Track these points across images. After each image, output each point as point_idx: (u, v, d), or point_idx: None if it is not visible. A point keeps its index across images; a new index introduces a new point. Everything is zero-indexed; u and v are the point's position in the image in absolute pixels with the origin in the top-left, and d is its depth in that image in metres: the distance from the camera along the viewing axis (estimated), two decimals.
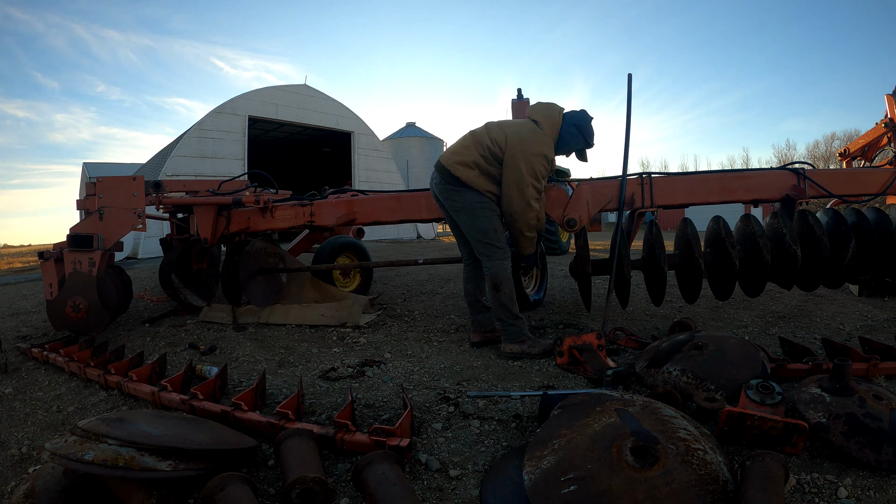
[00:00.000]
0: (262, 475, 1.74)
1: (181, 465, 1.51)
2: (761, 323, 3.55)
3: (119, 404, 2.43)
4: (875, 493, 1.51)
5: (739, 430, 1.75)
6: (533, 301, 4.20)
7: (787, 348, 2.66)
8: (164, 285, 4.40)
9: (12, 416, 2.40)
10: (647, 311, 4.04)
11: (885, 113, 4.91)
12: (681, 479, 1.36)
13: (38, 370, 3.06)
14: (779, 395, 1.86)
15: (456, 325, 3.80)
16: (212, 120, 13.60)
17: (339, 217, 3.88)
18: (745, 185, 3.45)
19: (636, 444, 1.47)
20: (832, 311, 3.85)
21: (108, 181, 3.71)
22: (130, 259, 11.27)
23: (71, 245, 3.52)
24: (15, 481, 1.78)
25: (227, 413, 2.03)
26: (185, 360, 3.04)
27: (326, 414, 2.20)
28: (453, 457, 1.82)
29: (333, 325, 3.82)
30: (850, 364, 1.88)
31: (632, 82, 3.22)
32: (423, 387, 2.52)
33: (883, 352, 2.48)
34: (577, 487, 1.38)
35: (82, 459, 1.42)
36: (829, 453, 1.71)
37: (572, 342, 2.76)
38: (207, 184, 4.60)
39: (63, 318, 3.42)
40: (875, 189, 3.49)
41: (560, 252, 9.56)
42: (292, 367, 2.91)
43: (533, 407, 2.20)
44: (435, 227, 19.09)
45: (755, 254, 3.08)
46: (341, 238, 4.91)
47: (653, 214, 3.44)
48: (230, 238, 4.32)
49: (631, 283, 3.41)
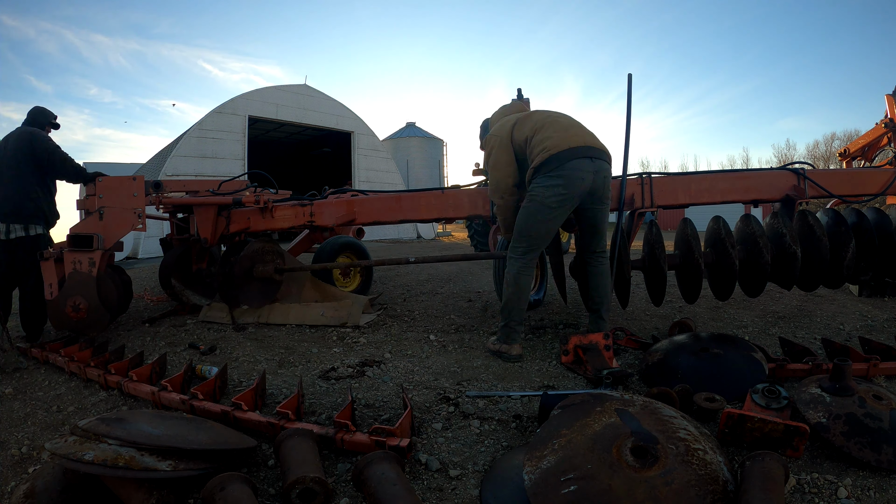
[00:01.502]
0: (262, 475, 1.74)
1: (181, 465, 1.51)
2: (761, 323, 3.55)
3: (119, 404, 2.43)
4: (875, 493, 1.51)
5: (740, 432, 1.75)
6: (533, 301, 4.21)
7: (787, 348, 2.66)
8: (164, 285, 4.39)
9: (12, 416, 2.40)
10: (647, 311, 4.04)
11: (885, 113, 4.91)
12: (681, 479, 1.36)
13: (37, 370, 3.06)
14: (784, 399, 1.86)
15: (456, 325, 3.80)
16: (212, 120, 13.60)
17: (339, 217, 3.88)
18: (745, 185, 3.45)
19: (636, 444, 1.47)
20: (832, 311, 3.85)
21: (108, 181, 3.70)
22: (130, 259, 11.27)
23: (71, 245, 3.52)
24: (15, 481, 1.78)
25: (227, 413, 2.03)
26: (185, 360, 3.04)
27: (326, 414, 2.20)
28: (453, 457, 1.82)
29: (333, 325, 3.82)
30: (850, 364, 1.88)
31: (631, 82, 3.22)
32: (423, 387, 2.52)
33: (883, 352, 2.48)
34: (577, 487, 1.38)
35: (82, 459, 1.42)
36: (829, 453, 1.71)
37: (578, 341, 2.76)
38: (207, 184, 4.60)
39: (63, 318, 3.42)
40: (875, 189, 3.49)
41: None
42: (292, 367, 2.91)
43: (533, 407, 2.21)
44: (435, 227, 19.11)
45: (755, 254, 3.08)
46: (341, 238, 4.91)
47: (653, 214, 3.45)
48: (230, 238, 4.32)
49: (631, 283, 3.41)
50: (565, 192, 2.78)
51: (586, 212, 3.01)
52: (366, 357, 3.02)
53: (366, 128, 17.59)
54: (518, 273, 2.92)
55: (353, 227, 5.18)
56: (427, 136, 23.50)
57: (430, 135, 23.65)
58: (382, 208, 3.92)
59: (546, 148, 2.81)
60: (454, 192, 3.88)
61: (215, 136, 13.57)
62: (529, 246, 2.92)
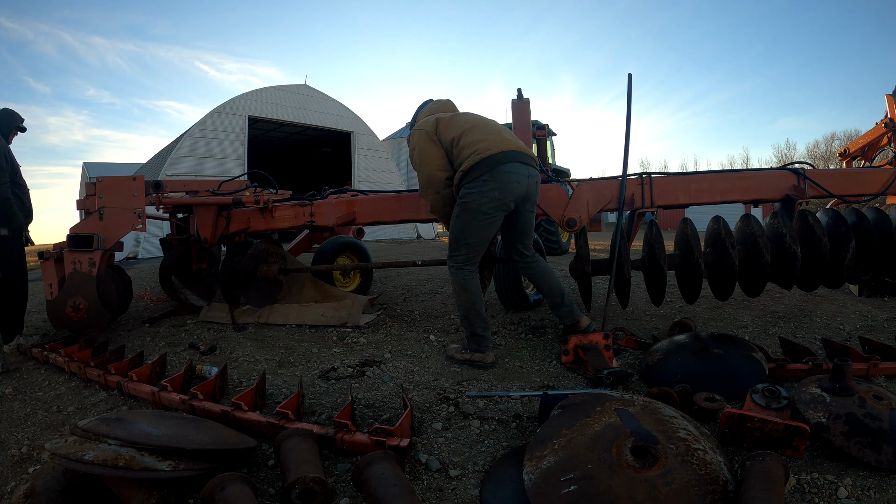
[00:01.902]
0: (262, 475, 1.74)
1: (181, 465, 1.51)
2: (761, 323, 3.55)
3: (119, 404, 2.43)
4: (875, 493, 1.51)
5: (740, 432, 1.75)
6: (533, 301, 4.21)
7: (787, 348, 2.66)
8: (164, 285, 4.39)
9: (12, 416, 2.40)
10: (647, 311, 4.04)
11: (885, 113, 4.91)
12: (681, 479, 1.36)
13: (37, 370, 3.06)
14: (784, 399, 1.86)
15: (456, 324, 3.80)
16: (212, 120, 13.60)
17: (340, 217, 3.88)
18: (745, 185, 3.45)
19: (636, 444, 1.47)
20: (832, 311, 3.85)
21: (108, 181, 3.70)
22: (130, 259, 11.27)
23: (71, 245, 3.52)
24: (15, 481, 1.78)
25: (227, 413, 2.03)
26: (185, 360, 3.04)
27: (326, 414, 2.20)
28: (453, 457, 1.82)
29: (333, 325, 3.82)
30: (850, 364, 1.88)
31: (631, 82, 3.22)
32: (423, 387, 2.52)
33: (883, 352, 2.48)
34: (577, 487, 1.38)
35: (82, 459, 1.42)
36: (830, 453, 1.71)
37: (578, 341, 2.76)
38: (207, 184, 4.60)
39: (63, 318, 3.42)
40: (875, 189, 3.49)
41: (560, 252, 9.56)
42: (292, 367, 2.91)
43: (533, 407, 2.20)
44: (435, 227, 19.09)
45: (755, 254, 3.08)
46: (341, 238, 4.91)
47: (653, 214, 3.45)
48: (230, 238, 4.32)
49: (631, 283, 3.41)
50: (500, 197, 2.72)
51: (520, 215, 2.95)
52: (366, 357, 3.02)
53: (366, 128, 17.59)
54: (465, 281, 2.87)
55: (353, 227, 5.18)
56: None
57: None
58: (382, 208, 3.92)
59: (478, 151, 2.74)
60: None
61: (215, 136, 13.57)
62: (469, 254, 2.86)
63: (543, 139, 9.66)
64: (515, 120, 5.94)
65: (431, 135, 2.91)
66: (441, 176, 2.90)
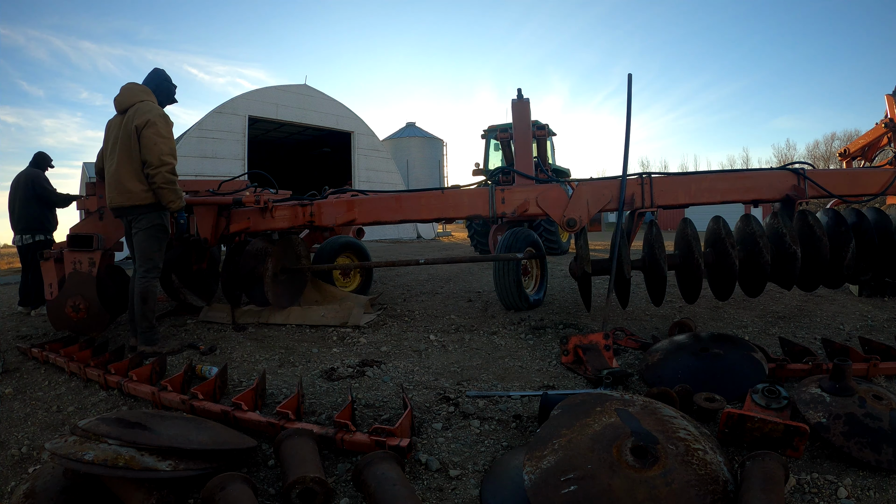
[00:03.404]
0: (262, 475, 1.74)
1: (181, 465, 1.51)
2: (761, 323, 3.55)
3: (119, 404, 2.43)
4: (875, 493, 1.51)
5: (740, 432, 1.75)
6: (533, 301, 4.21)
7: (787, 348, 2.66)
8: (163, 285, 4.39)
9: (12, 416, 2.40)
10: (647, 311, 4.04)
11: (885, 113, 4.91)
12: (681, 479, 1.36)
13: (37, 370, 3.05)
14: (784, 399, 1.86)
15: (456, 325, 3.80)
16: (212, 120, 13.60)
17: (340, 217, 3.88)
18: (745, 185, 3.45)
19: (636, 444, 1.47)
20: (832, 311, 3.85)
21: None
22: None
23: (71, 245, 3.52)
24: (15, 481, 1.78)
25: (227, 413, 2.03)
26: (185, 359, 3.04)
27: (326, 414, 2.20)
28: (453, 457, 1.82)
29: (334, 325, 3.82)
30: (850, 364, 1.88)
31: (631, 83, 3.22)
32: (423, 387, 2.52)
33: (883, 352, 2.48)
34: (577, 487, 1.38)
35: (82, 459, 1.42)
36: (829, 453, 1.71)
37: (578, 341, 2.76)
38: (207, 184, 4.60)
39: (63, 318, 3.42)
40: (875, 189, 3.49)
41: (560, 252, 9.56)
42: (292, 367, 2.91)
43: (533, 407, 2.20)
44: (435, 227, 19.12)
45: (755, 254, 3.08)
46: (341, 238, 4.91)
47: (653, 214, 3.45)
48: (230, 238, 4.32)
49: (631, 283, 3.41)
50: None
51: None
52: (366, 357, 3.02)
53: (366, 128, 17.59)
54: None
55: (353, 227, 5.18)
56: (427, 136, 23.50)
57: (430, 135, 23.66)
58: (382, 208, 3.92)
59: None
60: (454, 192, 3.88)
61: (215, 136, 13.58)
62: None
63: (543, 139, 9.65)
64: (515, 120, 5.90)
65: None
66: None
